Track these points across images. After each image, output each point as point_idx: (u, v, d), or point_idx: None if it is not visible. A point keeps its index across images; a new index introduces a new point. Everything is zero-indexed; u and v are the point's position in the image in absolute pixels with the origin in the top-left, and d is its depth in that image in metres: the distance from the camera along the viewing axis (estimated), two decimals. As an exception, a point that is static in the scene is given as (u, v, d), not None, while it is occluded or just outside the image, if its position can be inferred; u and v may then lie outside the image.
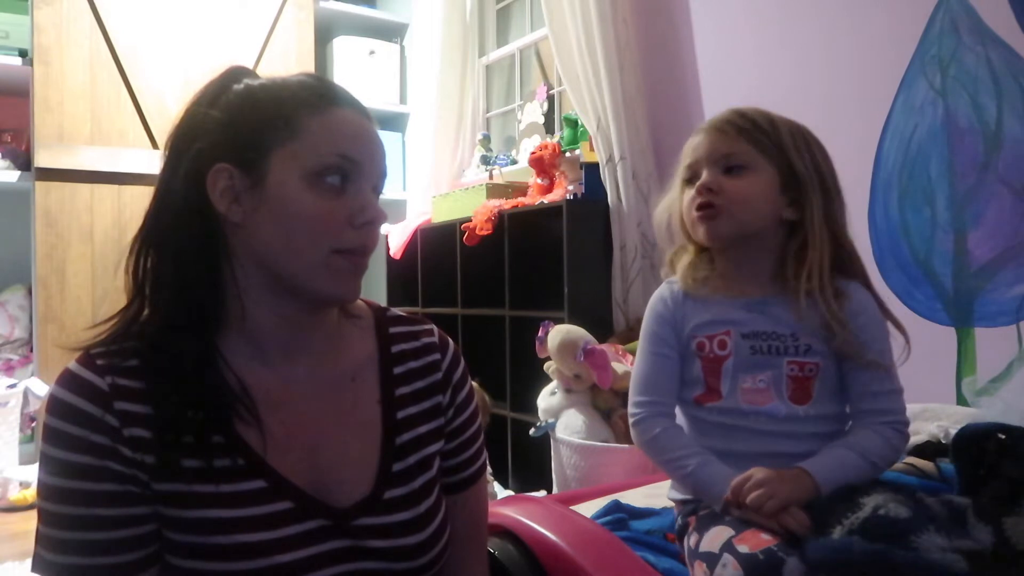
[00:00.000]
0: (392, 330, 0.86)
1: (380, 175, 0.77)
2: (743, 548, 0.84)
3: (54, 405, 0.69)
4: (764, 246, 1.02)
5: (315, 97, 0.74)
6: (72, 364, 0.71)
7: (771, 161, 0.99)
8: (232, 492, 0.71)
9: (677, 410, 1.07)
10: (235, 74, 0.78)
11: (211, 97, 0.76)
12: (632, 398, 1.07)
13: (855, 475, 0.93)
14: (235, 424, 0.72)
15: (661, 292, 1.08)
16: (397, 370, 0.83)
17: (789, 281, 1.00)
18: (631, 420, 1.06)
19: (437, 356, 0.86)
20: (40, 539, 0.69)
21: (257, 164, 0.72)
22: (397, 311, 0.90)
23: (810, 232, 0.99)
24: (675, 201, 1.07)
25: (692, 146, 1.03)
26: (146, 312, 0.74)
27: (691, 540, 0.96)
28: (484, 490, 0.91)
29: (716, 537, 0.89)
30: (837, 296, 0.98)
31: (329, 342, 0.81)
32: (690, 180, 1.03)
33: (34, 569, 0.69)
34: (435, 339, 0.87)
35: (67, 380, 0.70)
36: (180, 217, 0.73)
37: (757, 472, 0.92)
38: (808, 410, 0.99)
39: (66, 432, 0.68)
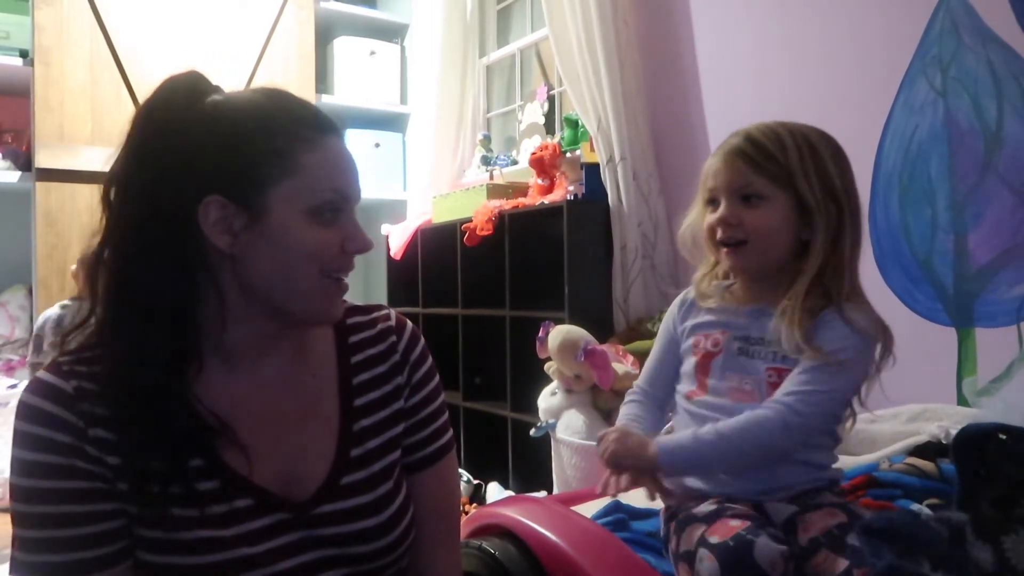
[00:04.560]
0: (349, 321, 0.88)
1: (359, 198, 0.81)
2: (714, 539, 0.88)
3: (22, 410, 0.71)
4: (782, 267, 1.03)
5: (307, 130, 0.75)
6: (40, 372, 0.74)
7: (784, 189, 1.00)
8: (193, 492, 0.73)
9: (677, 405, 1.11)
10: (198, 85, 0.75)
11: (181, 107, 0.72)
12: (634, 384, 1.16)
13: (707, 452, 0.96)
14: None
15: (681, 296, 1.14)
16: (356, 358, 0.85)
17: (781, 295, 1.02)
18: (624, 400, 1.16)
19: (394, 339, 0.88)
20: (16, 541, 0.71)
21: (255, 201, 0.72)
22: (354, 302, 0.90)
23: (811, 255, 0.99)
24: (698, 219, 1.10)
25: (711, 171, 1.05)
26: (109, 330, 0.73)
27: (673, 545, 0.98)
28: (451, 469, 0.92)
29: (691, 535, 0.92)
30: (804, 324, 0.96)
31: (293, 344, 0.83)
32: (711, 202, 1.06)
33: (12, 571, 0.71)
34: (392, 323, 0.89)
35: (34, 386, 0.72)
36: (165, 241, 0.71)
37: (613, 431, 1.04)
38: None
39: (33, 434, 0.70)
